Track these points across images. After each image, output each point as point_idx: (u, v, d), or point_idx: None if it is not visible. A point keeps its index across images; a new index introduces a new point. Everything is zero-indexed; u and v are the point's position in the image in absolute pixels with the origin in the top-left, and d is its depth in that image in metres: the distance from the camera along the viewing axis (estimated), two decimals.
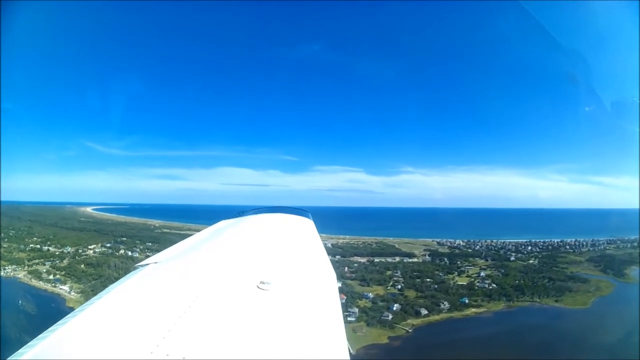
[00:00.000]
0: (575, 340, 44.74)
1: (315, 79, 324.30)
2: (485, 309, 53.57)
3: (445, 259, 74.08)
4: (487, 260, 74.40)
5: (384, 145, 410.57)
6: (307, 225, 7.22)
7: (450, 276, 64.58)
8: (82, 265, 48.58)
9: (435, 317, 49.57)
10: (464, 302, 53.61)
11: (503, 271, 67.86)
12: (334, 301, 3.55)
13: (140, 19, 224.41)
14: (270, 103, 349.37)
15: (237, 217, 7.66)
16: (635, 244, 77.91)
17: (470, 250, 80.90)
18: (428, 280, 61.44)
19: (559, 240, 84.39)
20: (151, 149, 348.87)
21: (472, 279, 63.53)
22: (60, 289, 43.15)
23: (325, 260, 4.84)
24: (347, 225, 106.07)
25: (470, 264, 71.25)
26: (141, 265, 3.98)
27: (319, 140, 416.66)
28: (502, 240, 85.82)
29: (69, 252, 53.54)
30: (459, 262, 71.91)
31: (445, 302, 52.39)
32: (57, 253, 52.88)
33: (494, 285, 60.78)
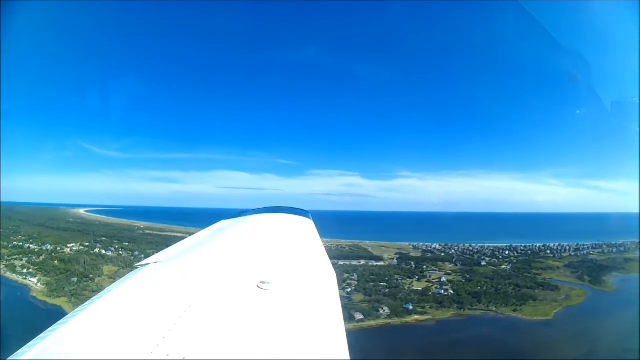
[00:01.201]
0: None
1: (311, 82, 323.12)
2: (430, 317, 52.22)
3: (413, 262, 73.71)
4: (457, 265, 73.10)
5: (380, 150, 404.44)
6: (307, 225, 7.21)
7: (409, 281, 64.50)
8: (56, 262, 54.42)
9: (370, 323, 49.24)
10: (408, 308, 53.05)
11: (468, 276, 66.61)
12: (334, 301, 3.54)
13: (137, 21, 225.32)
14: (266, 106, 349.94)
15: (237, 217, 7.69)
16: (622, 249, 72.84)
17: (443, 255, 79.56)
18: (382, 284, 61.97)
19: (541, 244, 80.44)
20: (148, 151, 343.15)
21: (431, 284, 63.13)
22: (30, 280, 49.29)
23: (326, 260, 4.83)
24: (330, 228, 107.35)
25: (436, 269, 70.44)
26: (141, 265, 4.00)
27: (315, 144, 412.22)
28: (481, 245, 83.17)
29: (47, 250, 59.36)
30: (425, 266, 71.29)
31: (386, 308, 52.68)
32: (36, 250, 58.88)
33: (451, 291, 60.08)
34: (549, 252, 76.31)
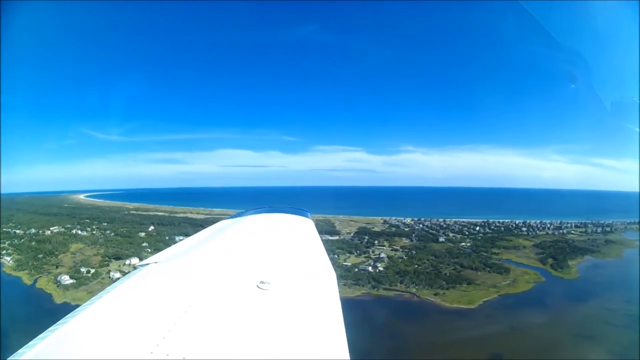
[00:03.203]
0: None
1: (314, 59, 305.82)
2: None
3: (367, 237, 72.18)
4: (412, 241, 69.71)
5: (384, 124, 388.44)
6: (306, 225, 7.24)
7: (346, 256, 63.84)
8: (33, 243, 63.74)
9: None
10: None
11: (414, 252, 63.66)
12: (334, 301, 3.55)
13: (134, 7, 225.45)
14: (269, 84, 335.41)
15: (237, 216, 7.69)
16: (608, 229, 60.86)
17: (407, 229, 75.96)
18: None
19: (520, 221, 70.87)
20: (151, 133, 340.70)
21: (366, 260, 61.91)
22: (4, 259, 58.79)
23: (325, 260, 4.84)
24: (317, 204, 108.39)
25: (387, 244, 68.28)
26: (141, 265, 4.05)
27: (319, 119, 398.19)
28: (455, 219, 76.78)
29: (29, 233, 68.47)
30: (376, 241, 69.62)
31: None
32: (20, 234, 68.48)
33: (381, 268, 58.45)
34: (524, 229, 67.36)
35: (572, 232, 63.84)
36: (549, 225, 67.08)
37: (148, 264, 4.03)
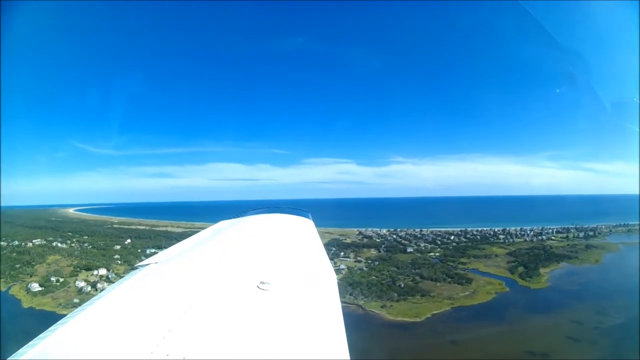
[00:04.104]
0: None
1: (303, 72, 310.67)
2: None
3: (334, 249, 69.28)
4: (380, 252, 65.72)
5: (375, 136, 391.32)
6: (307, 225, 7.19)
7: None
8: (14, 254, 66.72)
9: None
10: None
11: (377, 264, 59.85)
12: (334, 301, 3.50)
13: (125, 20, 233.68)
14: (259, 97, 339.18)
15: (237, 217, 7.66)
16: (592, 234, 53.37)
17: (378, 240, 71.96)
18: None
19: (500, 228, 64.32)
20: (142, 147, 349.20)
21: None
22: None
23: (326, 260, 4.82)
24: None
25: (352, 255, 65.08)
26: (141, 265, 4.00)
27: (309, 132, 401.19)
28: (431, 229, 71.83)
29: (12, 245, 71.47)
30: (342, 253, 66.62)
31: None
32: (3, 245, 71.16)
33: (337, 280, 55.24)
34: (502, 236, 60.94)
35: (552, 238, 56.99)
36: (528, 232, 60.56)
37: (148, 264, 4.00)
